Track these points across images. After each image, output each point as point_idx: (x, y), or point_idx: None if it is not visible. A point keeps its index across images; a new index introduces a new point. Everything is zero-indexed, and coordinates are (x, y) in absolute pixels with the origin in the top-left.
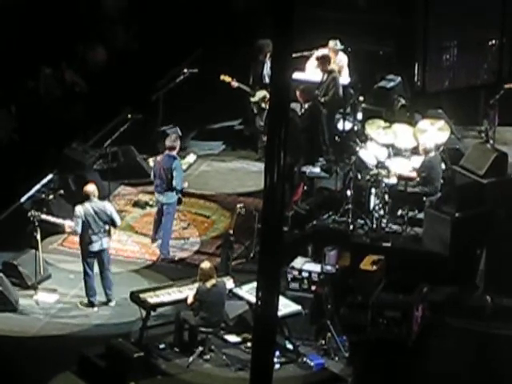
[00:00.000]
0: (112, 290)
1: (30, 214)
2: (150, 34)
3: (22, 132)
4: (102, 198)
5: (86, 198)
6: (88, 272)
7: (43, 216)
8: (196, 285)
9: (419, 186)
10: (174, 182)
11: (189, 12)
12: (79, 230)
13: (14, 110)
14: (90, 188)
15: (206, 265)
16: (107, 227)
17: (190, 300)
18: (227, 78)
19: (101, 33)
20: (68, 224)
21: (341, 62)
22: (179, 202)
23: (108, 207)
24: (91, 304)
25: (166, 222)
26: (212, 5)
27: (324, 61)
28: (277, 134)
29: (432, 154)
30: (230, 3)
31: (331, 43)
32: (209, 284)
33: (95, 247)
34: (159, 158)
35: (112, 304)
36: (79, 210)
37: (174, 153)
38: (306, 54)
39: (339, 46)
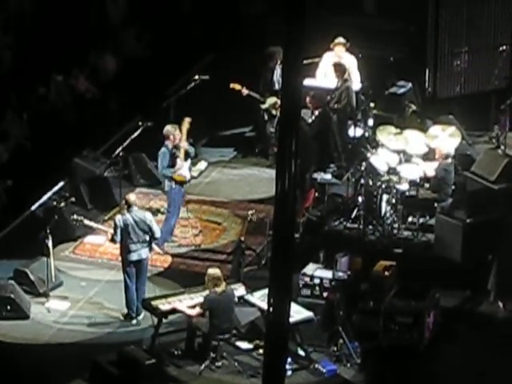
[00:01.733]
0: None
1: (72, 217)
2: (162, 41)
3: (34, 139)
4: (113, 205)
5: (128, 207)
6: (128, 284)
7: (86, 221)
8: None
9: (430, 192)
10: (159, 169)
11: (199, 19)
12: (118, 239)
13: (25, 117)
14: (132, 197)
15: (214, 271)
16: (147, 237)
17: (196, 311)
18: (237, 86)
19: (111, 40)
20: (110, 232)
21: (347, 61)
22: (180, 183)
23: (148, 217)
24: (131, 317)
25: (170, 210)
26: (222, 12)
27: (339, 69)
28: (288, 141)
29: (449, 161)
30: (240, 10)
31: (338, 39)
32: (218, 290)
33: (134, 257)
34: None
35: (140, 317)
36: (119, 219)
37: (168, 142)
38: (316, 60)
39: (343, 40)
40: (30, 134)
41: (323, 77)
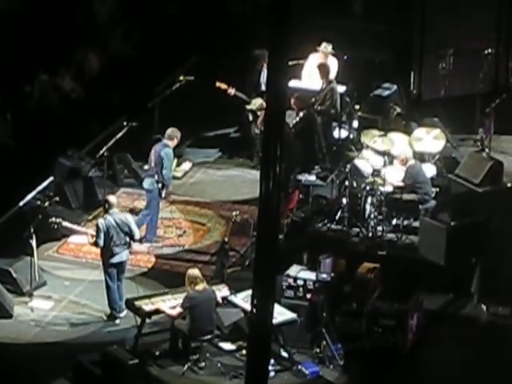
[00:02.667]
0: (123, 301)
1: (51, 220)
2: (148, 40)
3: (18, 138)
4: (97, 205)
5: (108, 208)
6: (110, 285)
7: (65, 223)
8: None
9: (411, 194)
10: (164, 171)
11: (185, 20)
12: (101, 243)
13: (9, 116)
14: (113, 199)
15: (192, 271)
16: (127, 239)
17: (177, 311)
18: (223, 85)
19: (98, 39)
20: (90, 233)
21: (331, 66)
22: (159, 194)
23: (129, 218)
24: (114, 317)
25: (150, 209)
26: (209, 13)
27: (325, 70)
28: (272, 142)
29: (412, 161)
30: (227, 11)
31: (322, 46)
32: (198, 288)
33: (116, 259)
34: (157, 144)
35: (122, 315)
36: (101, 223)
37: (171, 143)
38: (302, 61)
39: (330, 49)
40: (13, 132)
41: (308, 78)
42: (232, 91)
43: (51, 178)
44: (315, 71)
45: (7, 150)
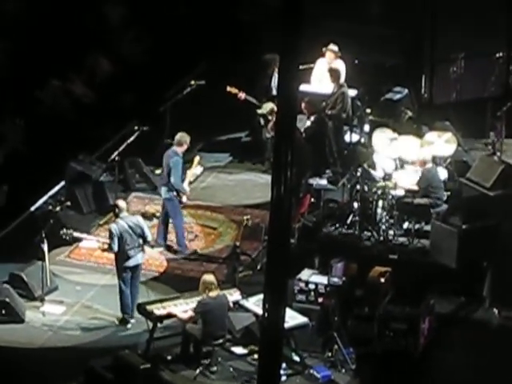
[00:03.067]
0: (135, 307)
1: (62, 232)
2: (159, 45)
3: (30, 143)
4: (109, 210)
5: (118, 213)
6: (124, 289)
7: (76, 234)
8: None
9: (424, 198)
10: (172, 179)
11: (196, 25)
12: (116, 248)
13: (19, 121)
14: (122, 204)
15: (207, 276)
16: (141, 241)
17: (188, 315)
18: (234, 90)
19: (109, 44)
20: (102, 241)
21: (339, 68)
22: (180, 201)
23: (141, 221)
24: (126, 321)
25: (172, 218)
26: (219, 17)
27: (336, 74)
28: (283, 146)
29: (430, 165)
30: (237, 16)
31: (329, 46)
32: (212, 294)
33: (132, 262)
34: (168, 151)
35: (133, 321)
36: (114, 228)
37: (180, 149)
38: (312, 66)
39: (336, 49)
40: (25, 138)
41: (318, 82)
42: (242, 95)
43: (62, 183)
44: (325, 75)
45: (19, 155)
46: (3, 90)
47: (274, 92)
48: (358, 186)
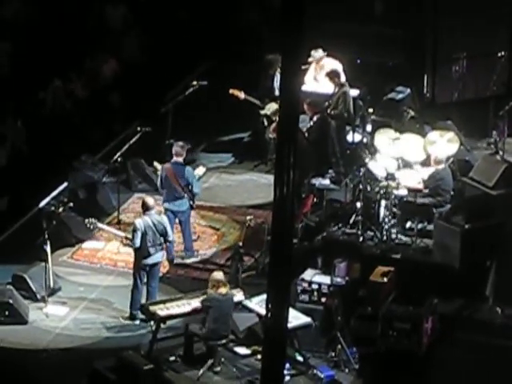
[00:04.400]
0: None
1: (86, 221)
2: (161, 46)
3: (31, 144)
4: (111, 211)
5: (146, 210)
6: (138, 286)
7: (100, 225)
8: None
9: (428, 198)
10: (195, 190)
11: (197, 25)
12: (138, 243)
13: (20, 122)
14: (150, 201)
15: (218, 274)
16: (162, 240)
17: (192, 306)
18: (236, 92)
19: (110, 45)
20: (124, 235)
21: (330, 67)
22: (191, 207)
23: (165, 220)
24: (133, 317)
25: (185, 229)
26: (221, 18)
27: (333, 75)
28: (286, 146)
29: (442, 166)
30: (239, 17)
31: (312, 55)
32: (221, 291)
33: (152, 260)
34: (168, 165)
35: (137, 322)
36: (139, 222)
37: (181, 158)
38: (307, 66)
39: (319, 54)
40: (27, 138)
41: (313, 81)
42: (242, 95)
43: (65, 184)
44: (319, 74)
45: (21, 156)
46: (4, 90)
47: (277, 92)
48: (361, 186)
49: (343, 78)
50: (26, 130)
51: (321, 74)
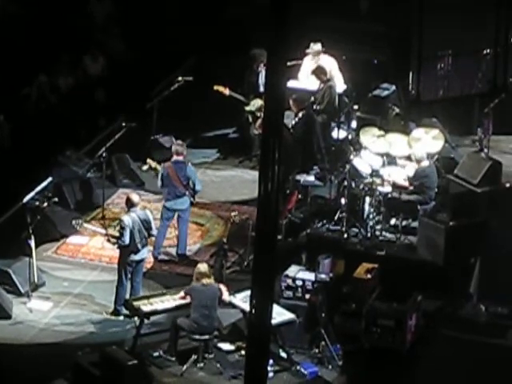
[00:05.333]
0: None
1: (74, 222)
2: (146, 42)
3: (15, 139)
4: (96, 206)
5: (131, 206)
6: (123, 282)
7: (86, 225)
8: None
9: (413, 195)
10: (198, 187)
11: (182, 20)
12: (127, 240)
13: (2, 117)
14: (135, 197)
15: (202, 265)
16: (147, 235)
17: (180, 295)
18: (221, 88)
19: (96, 41)
20: (111, 233)
21: (327, 64)
22: (191, 204)
23: (149, 215)
24: (117, 313)
25: (183, 228)
26: (205, 13)
27: (319, 72)
28: (271, 143)
29: (426, 163)
30: (223, 12)
31: (311, 47)
32: (201, 283)
33: (138, 256)
34: (168, 164)
35: (121, 318)
36: (127, 219)
37: (182, 157)
38: (300, 62)
39: (318, 48)
40: (11, 133)
41: (306, 79)
42: (227, 92)
43: (50, 179)
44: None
45: (4, 151)
46: None
47: (262, 89)
48: (346, 183)
49: (339, 76)
50: (8, 125)
51: None
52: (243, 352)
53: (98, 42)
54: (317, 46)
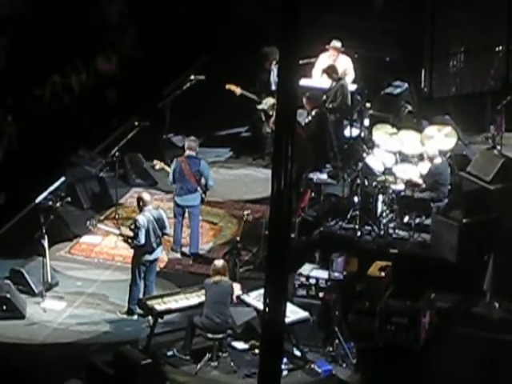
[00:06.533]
0: None
1: (88, 223)
2: (157, 41)
3: (27, 140)
4: (109, 205)
5: (143, 206)
6: (137, 281)
7: (100, 225)
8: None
9: (426, 192)
10: (210, 183)
11: (194, 19)
12: (143, 240)
13: (10, 118)
14: (147, 197)
15: (218, 262)
16: (160, 234)
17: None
18: (233, 87)
19: (108, 40)
20: (126, 234)
21: (343, 63)
22: (202, 200)
23: (163, 215)
24: (132, 312)
25: (196, 223)
26: (217, 12)
27: (331, 71)
28: (284, 141)
29: (439, 160)
30: (236, 10)
31: (332, 43)
32: (214, 279)
33: (153, 256)
34: (182, 159)
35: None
36: (142, 219)
37: (195, 153)
38: (313, 60)
39: (339, 45)
40: (22, 134)
41: (319, 77)
42: (239, 91)
43: (63, 179)
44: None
45: (14, 152)
46: (1, 86)
47: (274, 87)
48: (359, 181)
49: (352, 75)
50: (17, 126)
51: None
52: (257, 351)
53: (110, 42)
54: (337, 43)
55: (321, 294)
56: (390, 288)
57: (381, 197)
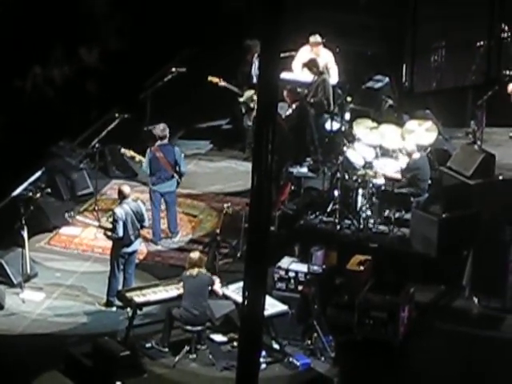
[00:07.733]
0: None
1: (67, 214)
2: (138, 33)
3: (8, 130)
4: (89, 197)
5: (123, 198)
6: (116, 273)
7: (78, 217)
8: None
9: (406, 187)
10: (183, 169)
11: (177, 12)
12: (121, 233)
13: None
14: (126, 189)
15: (193, 254)
16: (139, 226)
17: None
18: (215, 79)
19: (91, 31)
20: (105, 227)
21: (325, 57)
22: (178, 185)
23: (142, 207)
24: (111, 304)
25: (171, 209)
26: (200, 5)
27: (311, 65)
28: (264, 134)
29: (417, 156)
30: (218, 3)
31: (311, 37)
32: (191, 272)
33: (131, 248)
34: (156, 148)
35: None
36: (120, 212)
37: (166, 141)
38: (293, 53)
39: (318, 39)
40: (4, 125)
41: (300, 70)
42: (222, 83)
43: (43, 169)
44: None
45: None
46: None
47: (255, 80)
48: (339, 174)
49: (334, 69)
50: (1, 118)
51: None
52: (236, 343)
53: (92, 33)
54: (315, 38)
55: (300, 288)
56: (369, 282)
57: (361, 191)
